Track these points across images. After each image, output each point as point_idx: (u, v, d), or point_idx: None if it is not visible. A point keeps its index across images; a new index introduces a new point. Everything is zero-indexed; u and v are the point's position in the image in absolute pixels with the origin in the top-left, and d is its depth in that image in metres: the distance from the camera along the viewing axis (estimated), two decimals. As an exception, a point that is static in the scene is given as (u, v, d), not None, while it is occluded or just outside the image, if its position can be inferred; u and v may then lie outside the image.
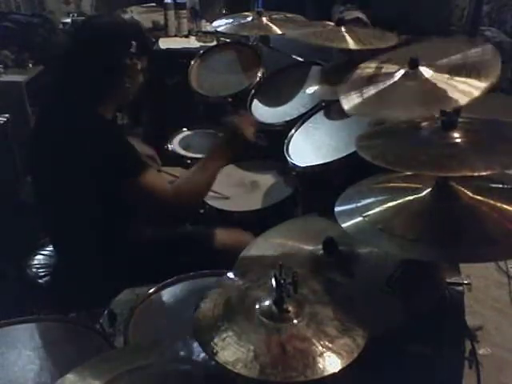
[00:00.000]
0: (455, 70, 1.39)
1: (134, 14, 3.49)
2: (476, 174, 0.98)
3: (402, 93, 1.42)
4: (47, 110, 1.80)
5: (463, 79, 1.35)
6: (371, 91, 1.45)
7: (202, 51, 2.56)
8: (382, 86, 1.45)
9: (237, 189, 2.07)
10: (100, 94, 1.67)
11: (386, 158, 1.07)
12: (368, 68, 1.57)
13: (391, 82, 1.45)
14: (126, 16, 3.29)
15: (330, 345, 0.94)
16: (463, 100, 1.28)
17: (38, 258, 1.87)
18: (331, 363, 0.91)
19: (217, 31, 2.60)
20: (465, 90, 1.32)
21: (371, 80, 1.49)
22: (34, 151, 1.78)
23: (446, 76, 1.39)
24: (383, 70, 1.52)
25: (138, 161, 1.64)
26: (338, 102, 1.85)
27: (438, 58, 1.46)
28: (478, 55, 1.43)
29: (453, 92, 1.33)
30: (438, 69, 1.42)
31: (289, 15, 2.40)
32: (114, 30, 1.72)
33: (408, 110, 1.36)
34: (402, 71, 1.46)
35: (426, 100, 1.37)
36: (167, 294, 1.51)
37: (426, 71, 1.43)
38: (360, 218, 1.13)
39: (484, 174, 0.98)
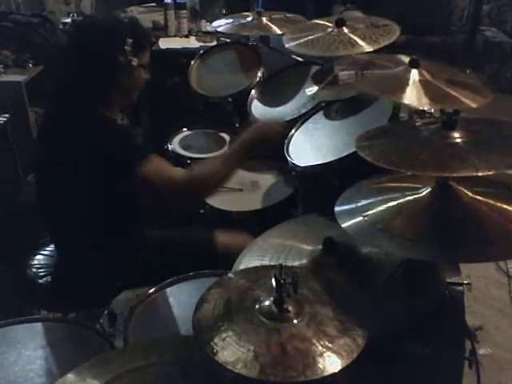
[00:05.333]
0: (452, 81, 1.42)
1: (134, 13, 3.49)
2: (480, 173, 0.98)
3: (399, 82, 1.44)
4: (51, 109, 1.80)
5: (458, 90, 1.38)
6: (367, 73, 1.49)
7: (201, 51, 2.56)
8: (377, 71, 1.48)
9: (237, 185, 2.07)
10: (99, 93, 1.67)
11: (389, 159, 1.07)
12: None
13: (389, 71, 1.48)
14: (125, 14, 3.29)
15: (330, 345, 0.94)
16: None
17: (38, 258, 1.87)
18: (331, 363, 0.91)
19: (217, 31, 2.59)
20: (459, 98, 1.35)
21: (367, 66, 1.52)
22: (37, 151, 1.79)
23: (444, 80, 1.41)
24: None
25: (138, 151, 1.63)
26: (338, 102, 1.87)
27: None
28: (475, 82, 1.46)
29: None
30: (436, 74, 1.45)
31: (289, 15, 2.40)
32: (106, 28, 1.69)
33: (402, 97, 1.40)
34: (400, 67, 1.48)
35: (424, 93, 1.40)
36: (167, 294, 1.51)
37: (425, 73, 1.45)
38: (360, 218, 1.13)
39: (488, 173, 0.98)
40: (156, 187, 1.60)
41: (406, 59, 1.52)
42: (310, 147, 1.78)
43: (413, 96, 1.38)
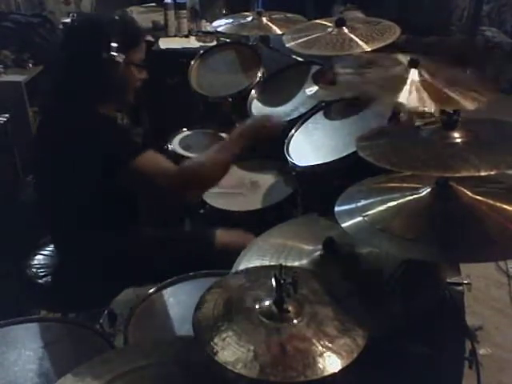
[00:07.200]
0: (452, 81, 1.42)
1: (134, 13, 3.49)
2: (483, 173, 0.98)
3: (398, 82, 1.44)
4: (47, 108, 1.80)
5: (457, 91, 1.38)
6: (368, 74, 1.49)
7: (201, 51, 2.56)
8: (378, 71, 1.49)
9: (237, 189, 2.07)
10: (92, 90, 1.66)
11: (390, 160, 1.07)
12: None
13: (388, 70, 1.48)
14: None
15: (330, 345, 0.94)
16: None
17: (38, 258, 1.87)
18: (331, 363, 0.91)
19: (217, 31, 2.60)
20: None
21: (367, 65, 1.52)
22: (35, 151, 1.79)
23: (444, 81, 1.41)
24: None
25: (132, 144, 1.62)
26: (338, 101, 1.87)
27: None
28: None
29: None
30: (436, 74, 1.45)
31: (289, 15, 2.40)
32: (92, 25, 1.70)
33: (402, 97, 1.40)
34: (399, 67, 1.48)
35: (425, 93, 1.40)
36: (167, 294, 1.51)
37: (424, 73, 1.45)
38: (360, 218, 1.13)
39: (490, 173, 0.98)
40: (149, 179, 1.58)
41: (405, 58, 1.52)
42: (310, 147, 1.78)
43: (411, 96, 1.38)
